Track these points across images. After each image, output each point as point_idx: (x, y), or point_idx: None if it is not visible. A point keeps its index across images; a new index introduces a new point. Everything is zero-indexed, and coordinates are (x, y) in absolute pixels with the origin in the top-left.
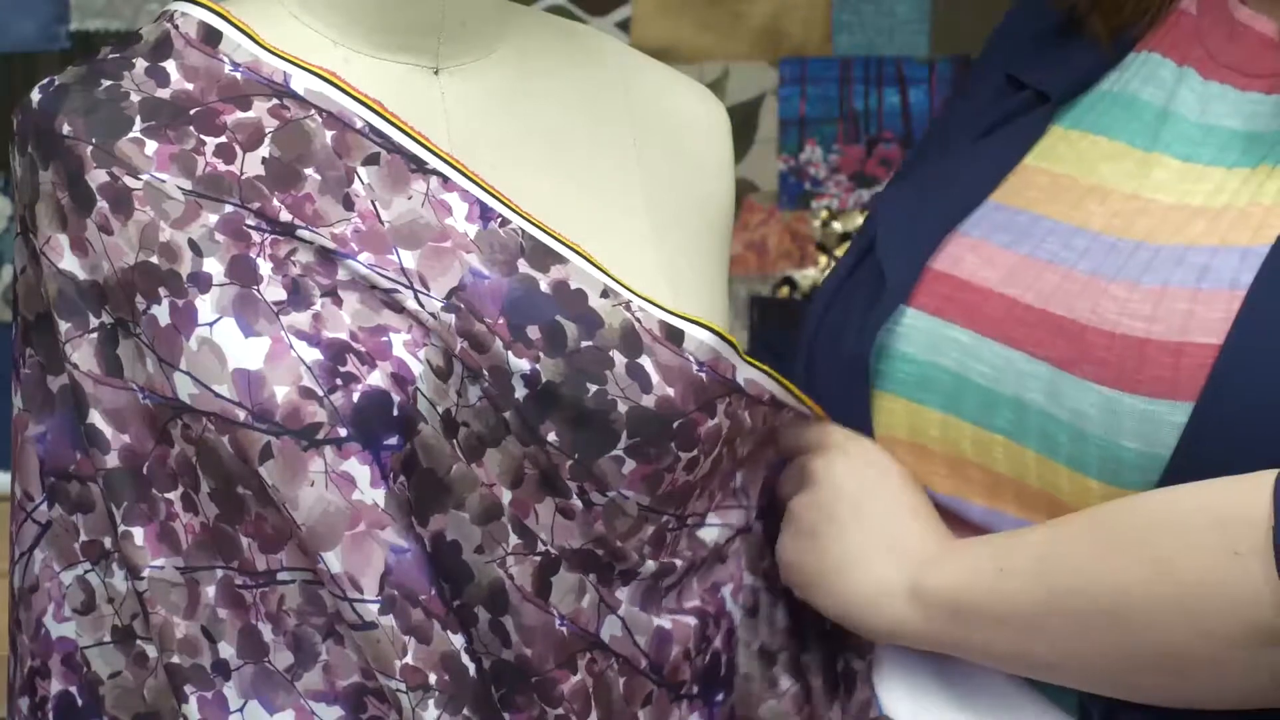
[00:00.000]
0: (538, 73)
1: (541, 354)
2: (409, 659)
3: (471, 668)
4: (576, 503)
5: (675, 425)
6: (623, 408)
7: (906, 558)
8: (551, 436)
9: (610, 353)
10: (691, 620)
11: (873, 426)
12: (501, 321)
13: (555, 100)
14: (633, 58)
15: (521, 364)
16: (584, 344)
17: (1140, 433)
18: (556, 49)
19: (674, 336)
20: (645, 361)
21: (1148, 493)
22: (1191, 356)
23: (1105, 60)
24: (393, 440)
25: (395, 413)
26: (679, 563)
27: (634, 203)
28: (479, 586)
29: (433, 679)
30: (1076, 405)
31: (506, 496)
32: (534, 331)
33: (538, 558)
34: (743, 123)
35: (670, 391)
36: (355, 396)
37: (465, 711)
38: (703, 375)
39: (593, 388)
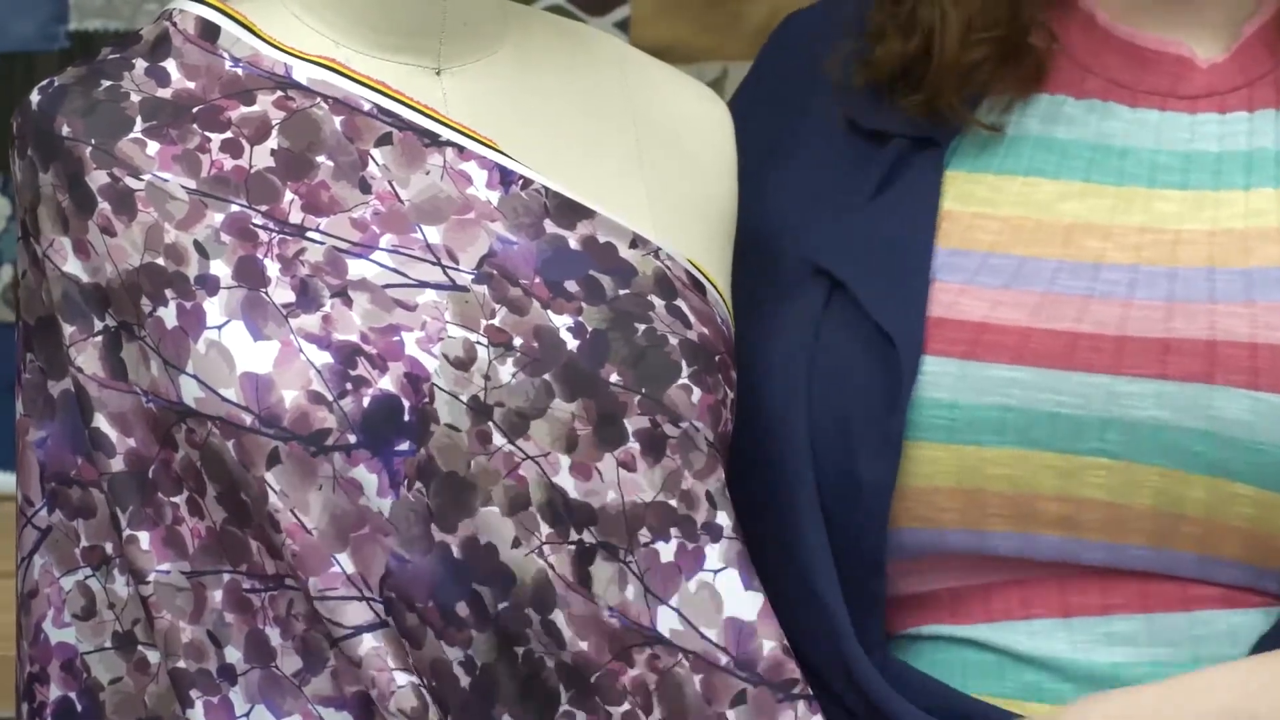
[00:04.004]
0: (540, 73)
1: (583, 304)
2: (411, 660)
3: (465, 680)
4: (635, 447)
5: (716, 359)
6: (674, 340)
7: None
8: (614, 377)
9: (649, 297)
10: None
11: (896, 480)
12: (539, 281)
13: (558, 100)
14: (635, 57)
15: (564, 318)
16: (622, 292)
17: None
18: (558, 49)
19: (698, 287)
20: (681, 304)
21: None
22: None
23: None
24: (404, 446)
25: (406, 418)
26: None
27: (638, 203)
28: (524, 585)
29: (424, 681)
30: (1221, 413)
31: (565, 463)
32: (572, 285)
33: (572, 546)
34: None
35: (706, 330)
36: (365, 402)
37: (449, 718)
38: (724, 328)
39: (641, 326)
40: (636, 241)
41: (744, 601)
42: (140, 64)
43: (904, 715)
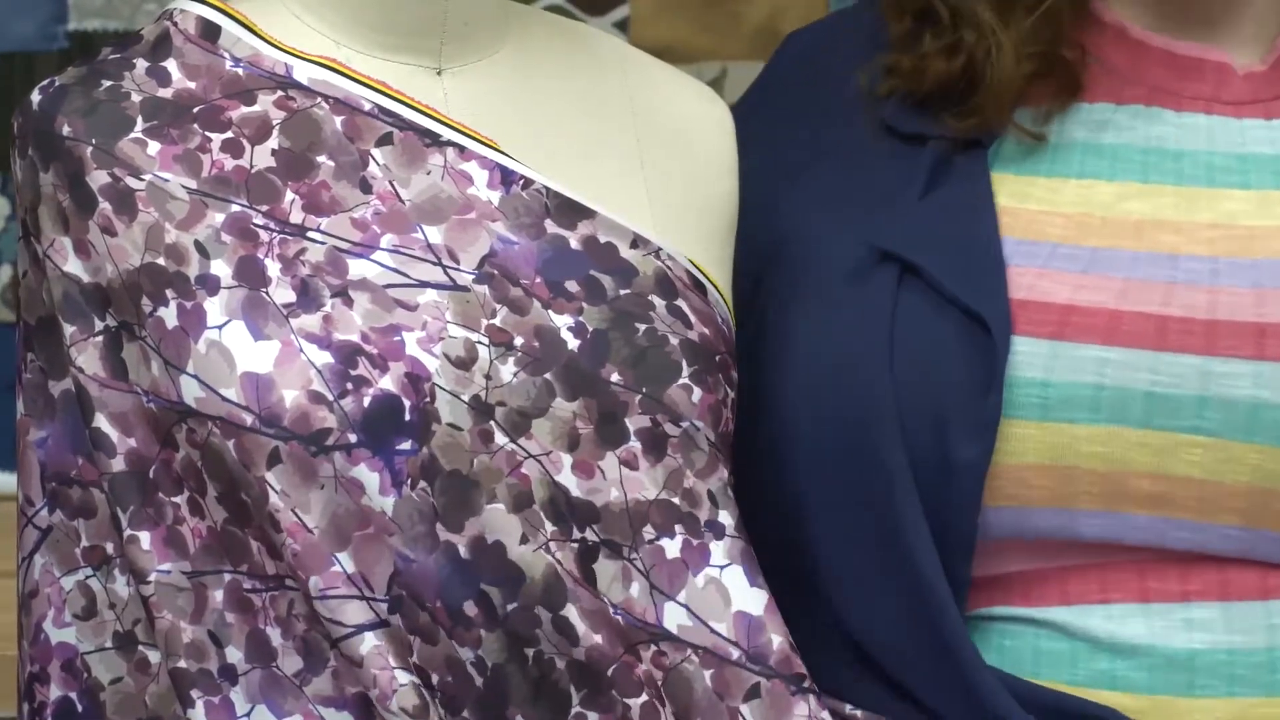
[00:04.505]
0: (541, 73)
1: (584, 304)
2: (415, 658)
3: (478, 679)
4: (637, 446)
5: (716, 359)
6: (674, 340)
7: None
8: (615, 377)
9: (649, 297)
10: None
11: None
12: (539, 281)
13: (559, 101)
14: (636, 57)
15: (565, 318)
16: (623, 292)
17: None
18: (559, 49)
19: (699, 287)
20: (681, 304)
21: None
22: None
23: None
24: (405, 445)
25: (407, 417)
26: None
27: (638, 203)
28: (533, 582)
29: (435, 679)
30: None
31: (567, 461)
32: (573, 285)
33: (575, 544)
34: None
35: (706, 331)
36: (366, 401)
37: (465, 713)
38: (724, 328)
39: (641, 326)
40: (637, 241)
41: (750, 597)
42: (141, 64)
43: (999, 701)
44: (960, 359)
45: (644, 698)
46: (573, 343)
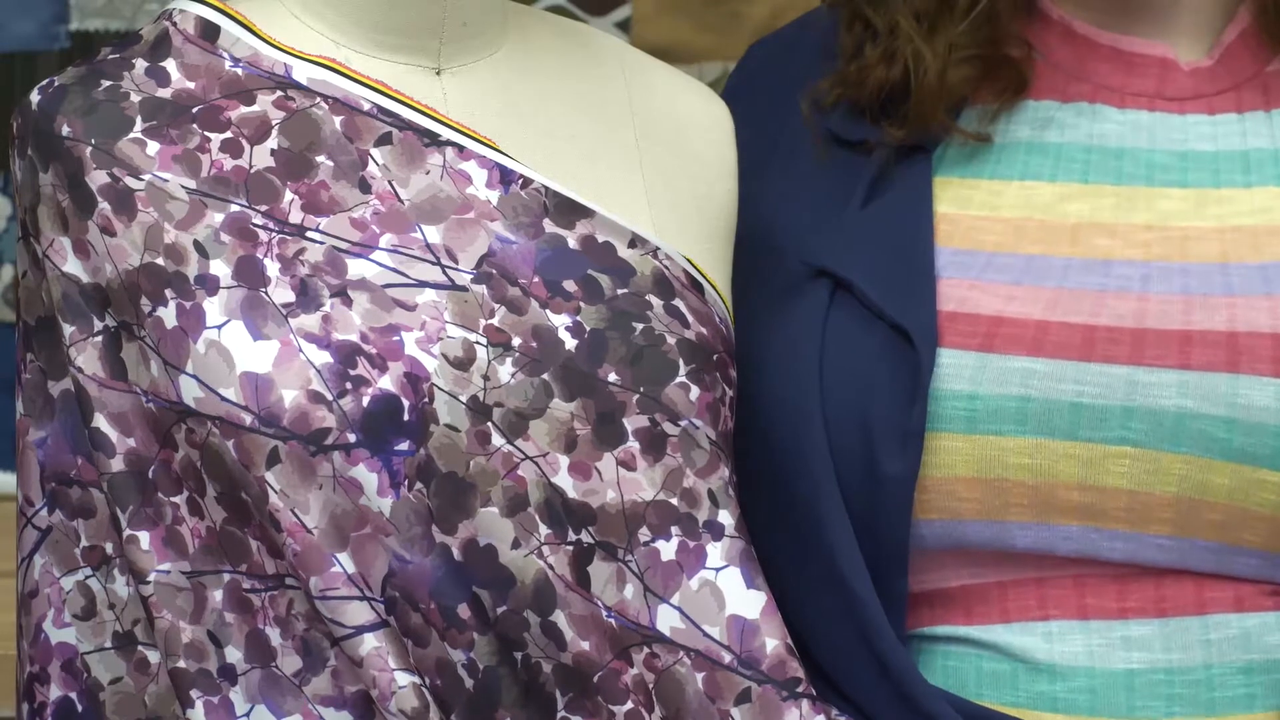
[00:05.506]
0: (540, 73)
1: (581, 304)
2: (411, 659)
3: (469, 681)
4: (635, 446)
5: (714, 358)
6: (671, 339)
7: None
8: (612, 377)
9: (647, 296)
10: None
11: (919, 470)
12: (537, 280)
13: (558, 101)
14: (635, 57)
15: (563, 318)
16: (620, 291)
17: None
18: (559, 49)
19: (696, 287)
20: (679, 304)
21: None
22: None
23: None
24: (403, 445)
25: (406, 417)
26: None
27: (637, 202)
28: (523, 587)
29: (426, 680)
30: (1248, 401)
31: (564, 463)
32: (570, 285)
33: (570, 547)
34: None
35: (704, 330)
36: (365, 401)
37: (453, 717)
38: (723, 328)
39: (639, 326)
40: (635, 241)
41: (746, 600)
42: (140, 64)
43: (937, 708)
44: (887, 372)
45: (629, 705)
46: (570, 342)
